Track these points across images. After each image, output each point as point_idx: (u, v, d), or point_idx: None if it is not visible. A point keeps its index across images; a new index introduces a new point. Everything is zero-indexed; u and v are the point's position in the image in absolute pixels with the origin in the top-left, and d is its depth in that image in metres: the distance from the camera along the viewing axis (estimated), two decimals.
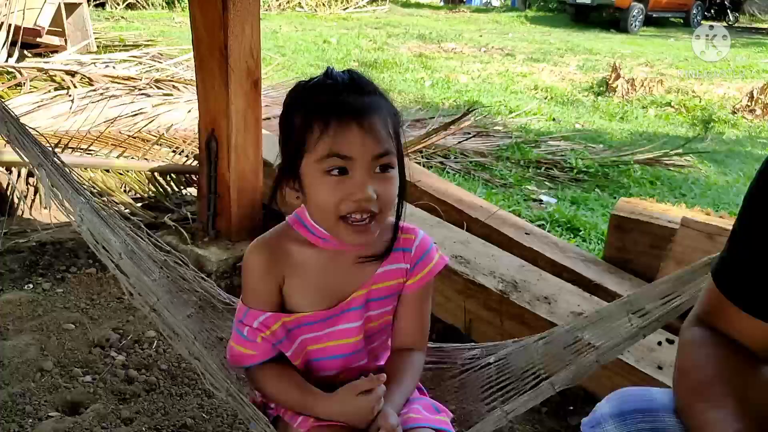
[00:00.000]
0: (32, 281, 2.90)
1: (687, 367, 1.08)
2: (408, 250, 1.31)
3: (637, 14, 16.62)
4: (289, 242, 1.26)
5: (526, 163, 5.09)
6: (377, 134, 1.14)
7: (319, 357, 1.31)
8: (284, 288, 1.27)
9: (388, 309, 1.33)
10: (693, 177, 5.19)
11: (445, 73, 9.54)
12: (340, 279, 1.28)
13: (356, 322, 1.29)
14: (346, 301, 1.27)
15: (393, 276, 1.31)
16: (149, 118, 4.31)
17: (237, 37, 2.90)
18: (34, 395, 2.14)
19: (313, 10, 16.30)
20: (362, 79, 1.18)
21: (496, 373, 1.49)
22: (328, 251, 1.25)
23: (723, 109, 8.07)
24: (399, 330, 1.36)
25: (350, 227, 1.16)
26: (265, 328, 1.25)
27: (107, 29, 9.51)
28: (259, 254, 1.26)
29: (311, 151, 1.14)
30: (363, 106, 1.14)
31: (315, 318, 1.27)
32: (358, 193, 1.13)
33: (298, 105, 1.18)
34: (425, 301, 1.37)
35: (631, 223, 2.81)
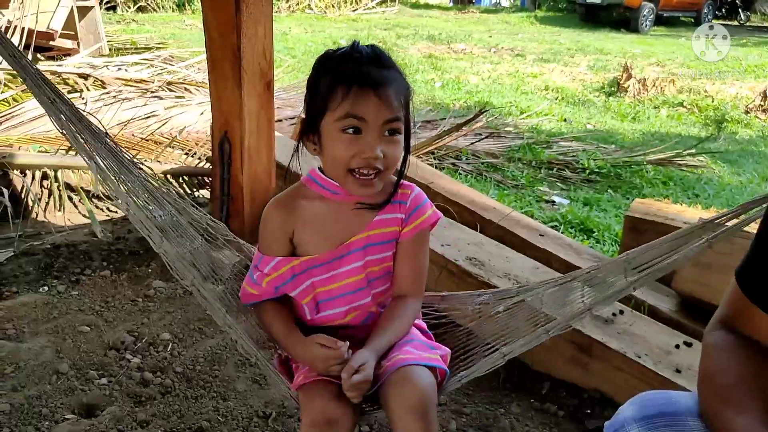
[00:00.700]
0: (47, 283, 2.91)
1: (711, 371, 1.07)
2: (404, 202, 1.48)
3: (647, 14, 16.53)
4: (301, 198, 1.46)
5: (538, 164, 5.07)
6: (390, 102, 1.32)
7: (326, 298, 1.48)
8: (295, 238, 1.46)
9: (387, 254, 1.48)
10: (706, 177, 5.15)
11: (455, 74, 9.53)
12: (343, 225, 1.45)
13: (358, 262, 1.45)
14: (346, 243, 1.45)
15: (389, 224, 1.47)
16: (162, 121, 4.33)
17: (250, 39, 2.90)
18: (50, 398, 2.14)
19: (323, 12, 16.32)
20: (383, 54, 1.37)
21: (504, 321, 1.61)
22: (334, 202, 1.44)
23: (736, 108, 8.01)
24: (396, 277, 1.51)
25: (357, 180, 1.35)
26: (274, 270, 1.46)
27: (119, 32, 9.56)
28: (273, 211, 1.47)
29: (332, 111, 1.32)
30: (381, 78, 1.32)
31: (320, 260, 1.46)
32: (368, 151, 1.32)
33: (325, 70, 1.36)
34: (420, 250, 1.51)
35: (646, 225, 2.80)
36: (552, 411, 2.20)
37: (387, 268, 1.50)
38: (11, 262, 3.08)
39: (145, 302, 2.80)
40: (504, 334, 1.55)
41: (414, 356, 1.37)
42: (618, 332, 2.21)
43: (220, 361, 2.42)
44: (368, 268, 1.47)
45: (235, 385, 2.27)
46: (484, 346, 1.55)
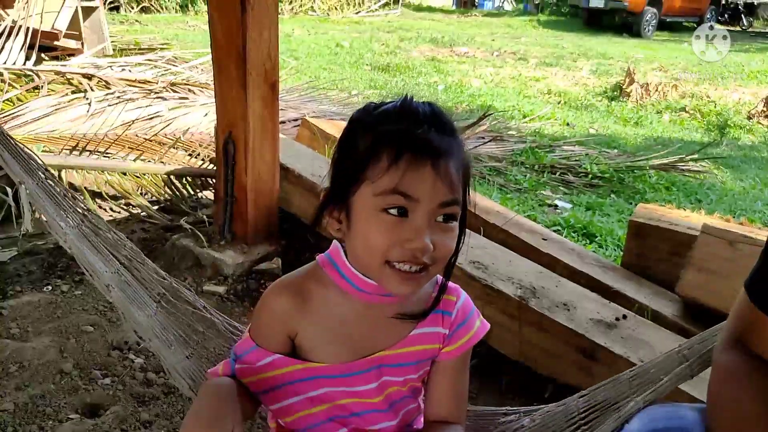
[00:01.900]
0: (51, 283, 2.92)
1: (723, 398, 1.04)
2: (448, 313, 1.16)
3: (650, 18, 16.57)
4: (315, 287, 1.12)
5: (541, 168, 5.08)
6: (450, 180, 1.00)
7: (330, 416, 1.16)
8: (298, 338, 1.13)
9: (414, 376, 1.18)
10: (709, 183, 5.15)
11: (457, 77, 9.54)
12: (368, 333, 1.12)
13: (374, 383, 1.14)
14: (369, 358, 1.12)
15: (428, 340, 1.16)
16: (166, 122, 4.33)
17: (255, 41, 2.91)
18: (54, 397, 2.15)
19: (326, 14, 16.34)
20: (444, 116, 1.04)
21: None
22: (360, 300, 1.10)
23: (738, 114, 8.02)
24: (432, 401, 1.22)
25: (397, 274, 1.01)
26: (266, 370, 1.13)
27: (122, 32, 9.58)
28: (278, 297, 1.13)
29: (372, 182, 0.99)
30: (442, 147, 1.00)
31: (328, 371, 1.12)
32: (416, 241, 0.99)
33: (368, 127, 1.02)
34: (463, 372, 1.22)
35: (650, 230, 2.80)
36: None
37: (414, 388, 1.21)
38: (15, 261, 3.08)
39: None
40: None
41: None
42: (622, 337, 2.21)
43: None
44: (386, 389, 1.16)
45: None
46: None
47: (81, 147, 3.86)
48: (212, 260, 3.07)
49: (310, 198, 3.16)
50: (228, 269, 3.04)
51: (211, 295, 2.89)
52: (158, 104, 4.65)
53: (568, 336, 2.23)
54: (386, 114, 1.02)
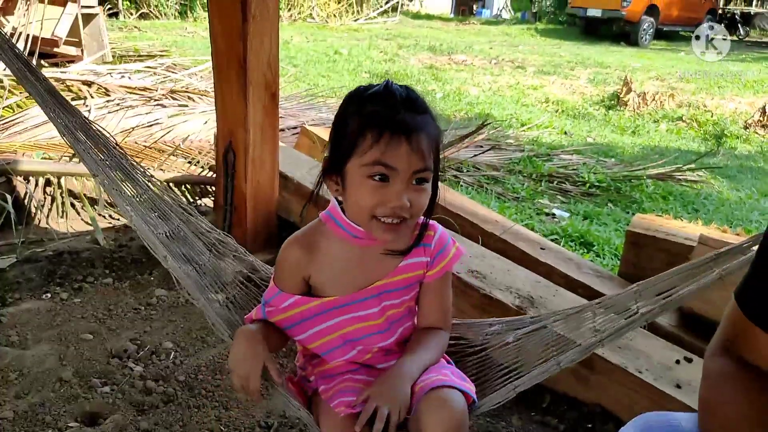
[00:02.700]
0: (50, 290, 2.92)
1: (714, 402, 1.06)
2: (428, 245, 1.44)
3: (647, 28, 16.65)
4: (320, 238, 1.39)
5: (539, 177, 5.10)
6: (422, 152, 1.26)
7: (341, 342, 1.42)
8: (312, 280, 1.41)
9: (407, 297, 1.46)
10: (706, 192, 5.17)
11: (455, 85, 9.57)
12: (365, 270, 1.40)
13: (376, 308, 1.41)
14: (369, 288, 1.40)
15: (413, 268, 1.43)
16: (165, 129, 4.35)
17: (256, 50, 2.93)
18: (54, 405, 2.15)
19: (324, 21, 16.39)
20: (418, 97, 1.30)
21: (514, 352, 1.57)
22: (356, 245, 1.37)
23: (735, 124, 8.06)
24: (422, 314, 1.49)
25: (382, 225, 1.29)
26: (291, 309, 1.40)
27: (121, 39, 9.60)
28: (292, 250, 1.40)
29: (359, 155, 1.26)
30: (414, 125, 1.25)
31: (339, 302, 1.40)
32: (395, 200, 1.26)
33: (356, 110, 1.29)
34: (445, 288, 1.50)
35: (647, 240, 2.82)
36: (552, 424, 2.21)
37: (409, 306, 1.48)
38: (14, 268, 3.09)
39: (147, 310, 2.81)
40: (515, 366, 1.53)
41: (450, 380, 1.35)
42: (619, 347, 2.22)
43: (223, 370, 2.42)
44: (387, 311, 1.43)
45: (237, 395, 2.27)
46: (496, 378, 1.53)
47: None
48: None
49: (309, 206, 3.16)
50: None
51: None
52: (158, 111, 4.67)
53: None
54: (371, 97, 1.28)
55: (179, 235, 1.68)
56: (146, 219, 1.62)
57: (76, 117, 1.72)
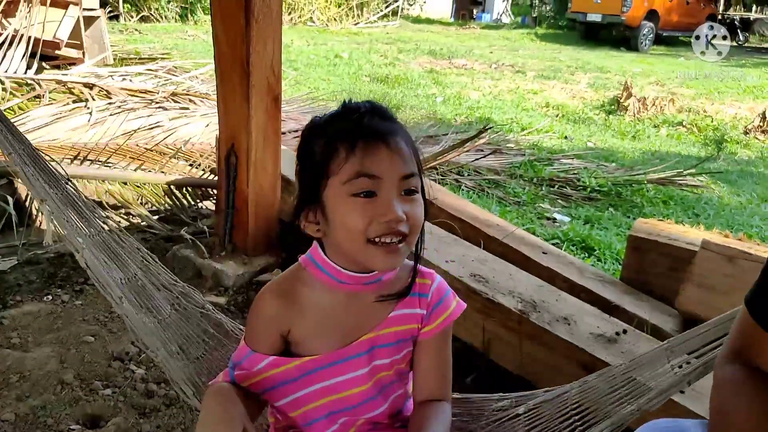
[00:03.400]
0: (51, 293, 2.92)
1: (726, 411, 1.05)
2: (425, 295, 1.25)
3: (647, 33, 16.68)
4: (300, 286, 1.20)
5: (540, 181, 5.10)
6: (404, 155, 1.11)
7: (329, 411, 1.23)
8: (291, 335, 1.21)
9: (398, 357, 1.25)
10: (706, 197, 5.18)
11: (456, 89, 9.58)
12: (353, 320, 1.21)
13: (363, 369, 1.21)
14: (354, 344, 1.20)
15: (407, 321, 1.24)
16: (167, 132, 4.34)
17: (259, 53, 2.92)
18: (55, 408, 2.15)
19: (325, 25, 16.43)
20: (383, 108, 1.16)
21: (527, 424, 1.40)
22: (342, 292, 1.19)
23: (735, 129, 8.07)
24: (419, 381, 1.29)
25: (380, 249, 1.10)
26: (264, 371, 1.19)
27: (122, 42, 9.61)
28: (268, 301, 1.21)
29: (336, 174, 1.09)
30: (388, 128, 1.12)
31: (322, 362, 1.20)
32: (389, 213, 1.08)
33: (318, 134, 1.14)
34: (444, 349, 1.29)
35: (650, 245, 2.82)
36: None
37: (400, 370, 1.27)
38: (15, 270, 3.09)
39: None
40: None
41: None
42: (622, 352, 2.22)
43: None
44: (377, 374, 1.23)
45: None
46: None
47: (82, 156, 3.87)
48: (213, 271, 3.07)
49: None
50: (229, 280, 3.05)
51: None
52: (159, 114, 4.67)
53: (569, 350, 2.23)
54: (332, 118, 1.15)
55: (136, 284, 1.53)
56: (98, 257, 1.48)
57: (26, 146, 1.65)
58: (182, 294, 1.61)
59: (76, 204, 1.57)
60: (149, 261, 1.59)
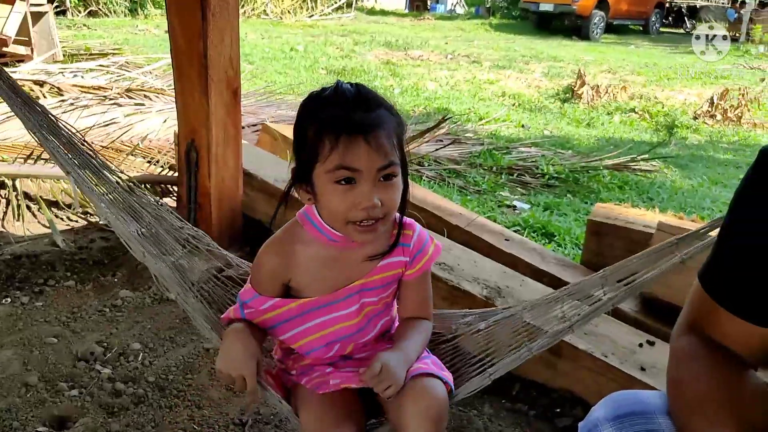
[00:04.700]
0: (9, 295, 2.85)
1: (681, 380, 1.08)
2: (407, 245, 1.43)
3: (598, 22, 16.97)
4: (297, 243, 1.39)
5: (499, 170, 5.16)
6: (382, 148, 1.24)
7: (323, 343, 1.42)
8: (291, 283, 1.40)
9: (385, 294, 1.46)
10: (659, 181, 5.31)
11: (413, 80, 9.61)
12: (344, 270, 1.40)
13: (353, 307, 1.41)
14: (345, 288, 1.40)
15: (392, 267, 1.44)
16: (122, 129, 4.27)
17: (216, 47, 2.90)
18: (21, 410, 2.11)
19: (279, 18, 16.26)
20: (369, 94, 1.29)
21: (485, 340, 1.61)
22: (335, 248, 1.37)
23: (685, 114, 8.28)
24: (404, 307, 1.51)
25: (358, 228, 1.28)
26: (270, 311, 1.40)
27: (71, 38, 9.38)
28: (268, 256, 1.40)
29: (322, 162, 1.25)
30: (369, 122, 1.24)
31: (317, 303, 1.40)
32: (365, 202, 1.25)
33: (311, 117, 1.28)
34: (425, 283, 1.51)
35: (608, 228, 2.89)
36: (523, 411, 2.25)
37: (386, 303, 1.49)
38: None
39: (112, 312, 2.76)
40: (488, 354, 1.57)
41: (430, 368, 1.38)
42: (585, 333, 2.28)
43: (193, 369, 2.41)
44: (365, 308, 1.43)
45: (209, 394, 2.26)
46: (470, 366, 1.57)
47: (36, 155, 3.78)
48: None
49: (274, 204, 3.15)
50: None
51: None
52: (114, 111, 4.58)
53: None
54: (324, 101, 1.28)
55: (151, 232, 1.67)
56: (119, 216, 1.61)
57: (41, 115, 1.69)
58: (191, 236, 1.79)
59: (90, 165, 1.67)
60: (160, 208, 1.77)
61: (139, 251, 1.50)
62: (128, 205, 1.70)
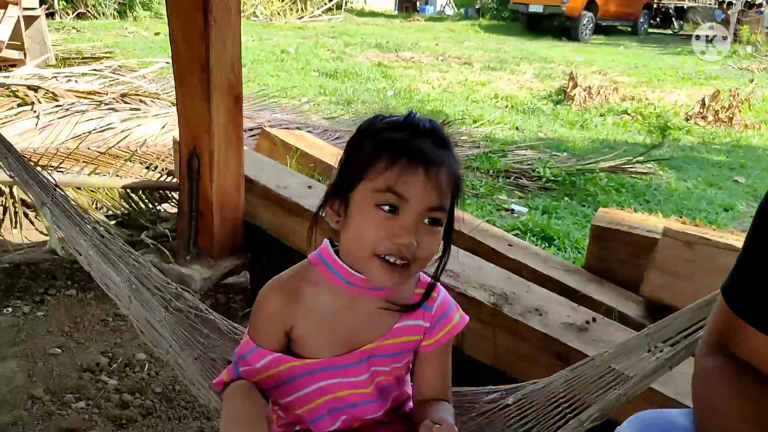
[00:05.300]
0: (10, 305, 2.83)
1: (709, 402, 1.06)
2: (429, 308, 1.26)
3: (587, 23, 17.05)
4: (306, 284, 1.21)
5: (496, 173, 5.17)
6: (440, 186, 1.11)
7: (326, 410, 1.24)
8: (293, 333, 1.21)
9: (399, 365, 1.27)
10: (655, 184, 5.34)
11: (405, 82, 9.61)
12: (355, 327, 1.22)
13: (363, 375, 1.23)
14: (355, 352, 1.21)
15: (410, 332, 1.25)
16: (119, 134, 4.24)
17: (218, 53, 2.87)
18: (27, 424, 2.09)
19: (269, 19, 16.24)
20: (442, 132, 1.16)
21: (518, 414, 1.45)
22: (348, 294, 1.19)
23: (677, 116, 8.32)
24: (420, 386, 1.31)
25: (383, 265, 1.11)
26: (268, 369, 1.21)
27: (62, 41, 9.31)
28: (272, 295, 1.21)
29: (371, 180, 1.11)
30: (435, 156, 1.11)
31: (322, 365, 1.21)
32: (403, 236, 1.09)
33: (373, 134, 1.15)
34: (445, 358, 1.31)
35: (612, 233, 2.90)
36: None
37: (398, 376, 1.30)
38: None
39: (116, 321, 2.75)
40: None
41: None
42: (593, 340, 2.28)
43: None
44: (376, 378, 1.25)
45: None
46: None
47: (32, 162, 3.74)
48: (179, 276, 3.01)
49: (276, 210, 3.14)
50: (195, 284, 3.00)
51: None
52: (110, 116, 4.54)
53: (543, 341, 2.28)
54: (390, 124, 1.15)
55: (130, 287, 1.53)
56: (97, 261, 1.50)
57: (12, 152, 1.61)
58: (175, 295, 1.60)
59: (66, 210, 1.56)
60: (140, 264, 1.58)
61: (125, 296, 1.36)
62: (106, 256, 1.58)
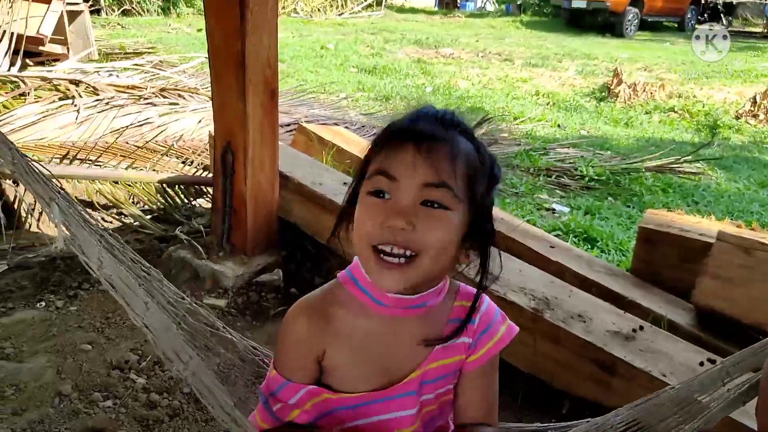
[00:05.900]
0: (44, 299, 2.82)
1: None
2: (471, 321, 1.11)
3: (632, 18, 16.66)
4: (336, 306, 1.08)
5: (536, 171, 5.04)
6: (434, 161, 0.97)
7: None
8: (325, 361, 1.08)
9: (443, 390, 1.13)
10: (704, 184, 5.14)
11: (445, 78, 9.49)
12: (396, 353, 1.08)
13: (412, 410, 1.08)
14: (401, 384, 1.07)
15: (452, 352, 1.11)
16: (157, 129, 4.23)
17: (255, 48, 2.83)
18: (54, 422, 2.06)
19: (309, 16, 16.25)
20: (446, 113, 1.04)
21: None
22: (383, 317, 1.06)
23: (727, 114, 8.04)
24: (461, 408, 1.16)
25: (381, 263, 0.98)
26: (301, 404, 1.08)
27: (106, 36, 9.43)
28: (300, 320, 1.08)
29: (367, 175, 1.01)
30: (431, 132, 0.99)
31: (362, 400, 1.07)
32: (393, 217, 0.96)
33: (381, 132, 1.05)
34: (491, 377, 1.17)
35: (661, 236, 2.76)
36: None
37: (445, 402, 1.15)
38: (6, 276, 2.98)
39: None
40: None
41: None
42: (640, 349, 2.16)
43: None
44: (423, 409, 1.11)
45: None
46: None
47: (71, 155, 3.75)
48: (211, 272, 2.98)
49: (310, 207, 3.08)
50: (228, 281, 2.96)
51: (211, 309, 2.80)
52: (148, 110, 4.54)
53: (586, 349, 2.17)
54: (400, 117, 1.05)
55: None
56: None
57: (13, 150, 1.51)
58: (189, 311, 1.48)
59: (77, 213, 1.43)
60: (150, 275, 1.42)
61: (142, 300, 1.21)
62: None
